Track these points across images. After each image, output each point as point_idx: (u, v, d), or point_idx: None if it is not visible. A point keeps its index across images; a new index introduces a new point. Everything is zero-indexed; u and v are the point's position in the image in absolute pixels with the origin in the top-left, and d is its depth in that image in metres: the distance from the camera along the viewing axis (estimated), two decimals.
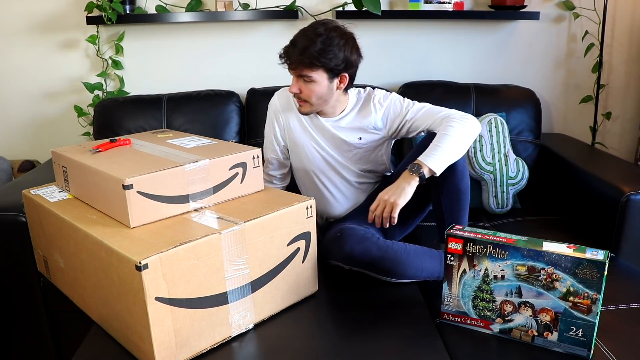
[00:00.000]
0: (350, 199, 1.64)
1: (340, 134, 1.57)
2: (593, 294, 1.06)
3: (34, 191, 1.38)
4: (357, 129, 1.56)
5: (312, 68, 1.41)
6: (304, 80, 1.44)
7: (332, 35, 1.40)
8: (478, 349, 1.16)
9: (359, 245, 1.34)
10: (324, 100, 1.49)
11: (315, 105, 1.49)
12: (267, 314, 1.22)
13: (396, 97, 1.57)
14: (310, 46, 1.38)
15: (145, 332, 1.00)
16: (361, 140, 1.56)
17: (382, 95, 1.57)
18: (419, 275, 1.38)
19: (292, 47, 1.42)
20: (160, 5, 2.13)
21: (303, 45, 1.39)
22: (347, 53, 1.42)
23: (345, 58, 1.42)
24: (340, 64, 1.42)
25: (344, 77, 1.46)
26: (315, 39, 1.39)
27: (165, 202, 1.14)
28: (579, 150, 2.07)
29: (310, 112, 1.53)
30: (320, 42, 1.38)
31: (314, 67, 1.40)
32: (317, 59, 1.38)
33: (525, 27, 2.30)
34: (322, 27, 1.42)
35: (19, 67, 2.20)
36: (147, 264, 0.96)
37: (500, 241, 1.13)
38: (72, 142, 2.24)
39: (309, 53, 1.38)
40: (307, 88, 1.45)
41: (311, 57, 1.38)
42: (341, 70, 1.44)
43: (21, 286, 1.54)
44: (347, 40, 1.43)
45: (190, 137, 1.47)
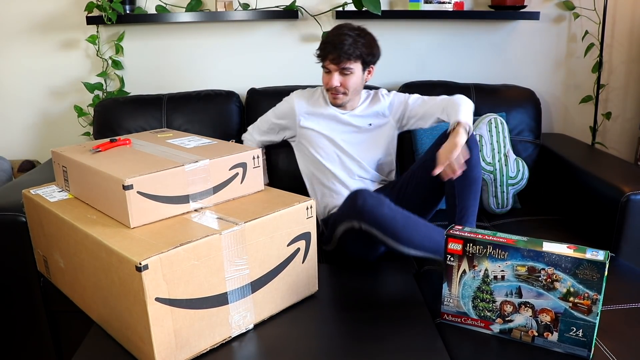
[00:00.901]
0: None
1: (354, 121, 1.75)
2: (593, 294, 1.06)
3: (34, 191, 1.38)
4: (368, 115, 1.76)
5: (352, 60, 1.62)
6: (343, 73, 1.64)
7: (361, 33, 1.63)
8: (478, 349, 1.16)
9: (372, 199, 1.37)
10: (357, 91, 1.71)
11: (350, 96, 1.70)
12: (267, 314, 1.22)
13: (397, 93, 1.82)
14: (348, 42, 1.59)
15: (145, 332, 1.00)
16: (371, 126, 1.75)
17: (386, 91, 1.83)
18: (425, 246, 1.39)
19: (330, 45, 1.62)
20: (160, 5, 2.13)
21: (341, 41, 1.60)
22: (374, 48, 1.66)
23: (373, 52, 1.65)
24: (370, 57, 1.65)
25: (372, 69, 1.70)
26: (351, 35, 1.60)
27: (165, 202, 1.14)
28: (579, 150, 2.07)
29: (344, 103, 1.72)
30: (354, 39, 1.60)
31: (354, 59, 1.62)
32: (355, 51, 1.60)
33: (525, 27, 2.30)
34: (348, 27, 1.63)
35: (19, 67, 2.20)
36: (147, 264, 0.96)
37: (500, 242, 1.13)
38: (72, 142, 2.24)
39: (347, 48, 1.59)
40: (346, 80, 1.65)
41: (350, 51, 1.59)
42: (370, 62, 1.67)
43: (21, 286, 1.54)
44: (373, 37, 1.67)
45: (190, 137, 1.47)
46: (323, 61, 1.66)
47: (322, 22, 2.20)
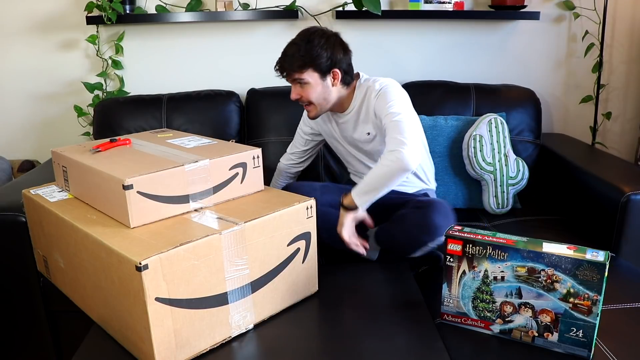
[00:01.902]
0: None
1: (351, 131, 1.63)
2: (593, 295, 1.06)
3: (34, 191, 1.38)
4: (363, 122, 1.59)
5: (301, 70, 1.49)
6: (299, 84, 1.53)
7: (313, 37, 1.49)
8: (478, 350, 1.16)
9: None
10: (324, 99, 1.55)
11: (319, 106, 1.56)
12: (267, 314, 1.22)
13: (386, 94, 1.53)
14: (295, 52, 1.49)
15: (145, 332, 1.00)
16: (369, 135, 1.59)
17: (378, 88, 1.55)
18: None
19: (282, 57, 1.52)
20: (160, 5, 2.13)
21: (290, 52, 1.50)
22: (329, 50, 1.50)
23: (329, 55, 1.49)
24: (326, 61, 1.49)
25: (335, 73, 1.52)
26: (299, 44, 1.49)
27: (165, 202, 1.14)
28: (579, 150, 2.07)
29: (318, 115, 1.59)
30: (303, 46, 1.48)
31: (303, 68, 1.49)
32: (302, 60, 1.48)
33: (525, 27, 2.30)
34: (305, 32, 1.53)
35: (19, 67, 2.20)
36: (147, 264, 0.96)
37: (500, 242, 1.13)
38: (72, 142, 2.24)
39: (295, 57, 1.48)
40: (305, 91, 1.53)
41: (297, 60, 1.48)
42: (329, 66, 1.50)
43: (21, 286, 1.54)
44: (328, 38, 1.51)
45: (191, 137, 1.47)
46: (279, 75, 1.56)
47: (322, 22, 2.20)
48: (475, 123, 1.93)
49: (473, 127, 1.92)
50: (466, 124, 1.97)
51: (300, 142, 1.82)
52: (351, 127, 1.63)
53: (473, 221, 1.86)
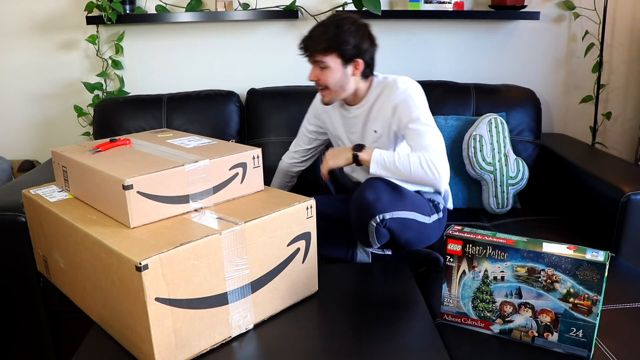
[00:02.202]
0: None
1: (359, 126, 1.60)
2: (593, 295, 1.06)
3: (34, 191, 1.38)
4: (374, 119, 1.57)
5: (325, 53, 1.47)
6: (320, 67, 1.50)
7: (343, 23, 1.46)
8: (478, 350, 1.16)
9: None
10: (341, 86, 1.52)
11: (334, 93, 1.53)
12: (267, 314, 1.22)
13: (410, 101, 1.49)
14: (322, 33, 1.46)
15: (145, 332, 1.00)
16: (376, 133, 1.57)
17: (401, 91, 1.50)
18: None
19: (308, 37, 1.50)
20: (160, 5, 2.13)
21: (317, 33, 1.48)
22: (357, 39, 1.47)
23: (356, 43, 1.47)
24: (352, 49, 1.47)
25: (358, 63, 1.50)
26: (327, 27, 1.47)
27: (165, 202, 1.14)
28: (579, 150, 2.07)
29: (331, 101, 1.56)
30: (331, 30, 1.46)
31: (327, 52, 1.47)
32: (328, 43, 1.45)
33: (525, 27, 2.30)
34: (335, 17, 1.50)
35: (19, 67, 2.20)
36: (147, 264, 0.96)
37: (500, 242, 1.13)
38: (72, 142, 2.24)
39: (321, 39, 1.46)
40: (324, 75, 1.50)
41: (323, 42, 1.46)
42: (353, 55, 1.48)
43: (21, 286, 1.54)
44: (358, 27, 1.48)
45: (191, 137, 1.47)
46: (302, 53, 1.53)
47: None
48: (475, 123, 1.93)
49: (473, 127, 1.92)
50: (466, 124, 1.97)
51: (304, 140, 1.80)
52: (360, 123, 1.60)
53: (473, 221, 1.86)
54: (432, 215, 1.55)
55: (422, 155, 1.40)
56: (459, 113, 2.05)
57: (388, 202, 1.42)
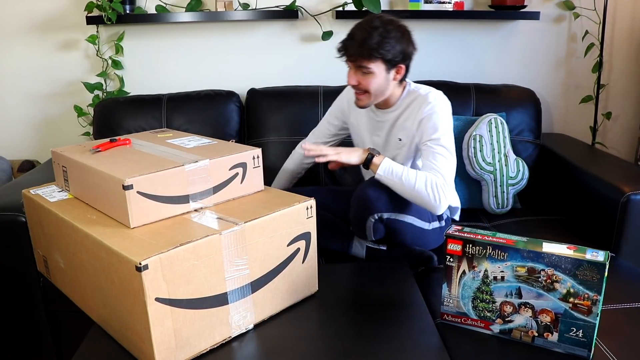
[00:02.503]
0: None
1: (385, 131, 1.59)
2: (593, 295, 1.06)
3: (34, 191, 1.38)
4: (400, 127, 1.56)
5: (370, 59, 1.43)
6: (362, 72, 1.46)
7: (389, 28, 1.42)
8: (478, 350, 1.16)
9: None
10: (381, 91, 1.50)
11: (372, 97, 1.51)
12: (267, 314, 1.22)
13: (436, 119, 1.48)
14: (368, 38, 1.41)
15: (145, 332, 1.00)
16: (400, 141, 1.56)
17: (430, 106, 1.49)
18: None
19: (350, 39, 1.44)
20: (160, 5, 2.13)
21: (361, 37, 1.42)
22: (404, 45, 1.45)
23: (402, 49, 1.44)
24: (398, 55, 1.44)
25: (401, 68, 1.48)
26: (372, 32, 1.41)
27: (165, 202, 1.14)
28: (579, 150, 2.07)
29: (367, 105, 1.54)
30: (377, 34, 1.41)
31: (373, 58, 1.42)
32: (376, 50, 1.41)
33: (525, 27, 2.30)
34: (378, 20, 1.44)
35: (19, 67, 2.20)
36: (147, 264, 0.96)
37: (500, 242, 1.13)
38: (72, 142, 2.24)
39: (367, 45, 1.41)
40: (365, 80, 1.47)
41: (370, 49, 1.41)
42: (398, 61, 1.46)
43: (21, 286, 1.54)
44: (404, 33, 1.46)
45: (191, 137, 1.47)
46: (343, 55, 1.49)
47: (322, 22, 2.20)
48: (475, 123, 1.93)
49: (473, 127, 1.92)
50: (466, 124, 1.97)
51: (325, 134, 1.77)
52: (387, 128, 1.58)
53: (473, 221, 1.86)
54: (433, 222, 1.56)
55: (429, 177, 1.41)
56: (459, 113, 2.05)
57: (388, 202, 1.43)
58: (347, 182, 1.79)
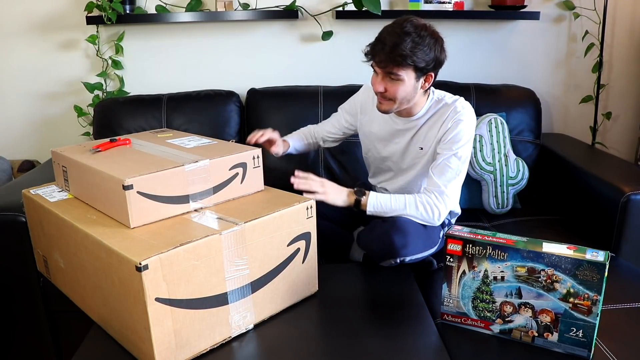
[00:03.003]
0: None
1: (408, 138, 1.53)
2: (593, 295, 1.06)
3: (34, 191, 1.38)
4: (422, 137, 1.51)
5: (401, 66, 1.35)
6: (390, 78, 1.39)
7: (423, 34, 1.35)
8: (478, 350, 1.16)
9: None
10: (407, 100, 1.44)
11: (397, 104, 1.44)
12: (267, 314, 1.22)
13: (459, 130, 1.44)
14: (400, 44, 1.32)
15: (146, 332, 1.00)
16: (422, 150, 1.51)
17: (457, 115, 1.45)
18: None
19: (381, 44, 1.36)
20: (160, 5, 2.13)
21: (392, 43, 1.33)
22: (437, 52, 1.38)
23: (435, 57, 1.38)
24: (430, 63, 1.37)
25: (430, 77, 1.42)
26: (405, 38, 1.33)
27: (165, 202, 1.14)
28: (579, 150, 2.07)
29: (390, 111, 1.47)
30: (410, 40, 1.33)
31: (404, 66, 1.35)
32: (409, 57, 1.33)
33: (525, 27, 2.29)
34: (410, 25, 1.35)
35: (19, 67, 2.20)
36: (147, 264, 0.96)
37: (500, 242, 1.13)
38: (72, 142, 2.24)
39: (399, 52, 1.33)
40: (393, 86, 1.39)
41: (402, 56, 1.33)
42: (430, 69, 1.39)
43: (21, 286, 1.54)
44: (437, 40, 1.38)
45: (190, 137, 1.47)
46: (370, 60, 1.41)
47: (322, 22, 2.20)
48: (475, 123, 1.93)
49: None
50: None
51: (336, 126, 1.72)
52: (408, 137, 1.52)
53: (473, 221, 1.86)
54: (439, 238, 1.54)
55: (419, 199, 1.42)
56: None
57: (413, 247, 1.40)
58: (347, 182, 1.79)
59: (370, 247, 1.45)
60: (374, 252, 1.44)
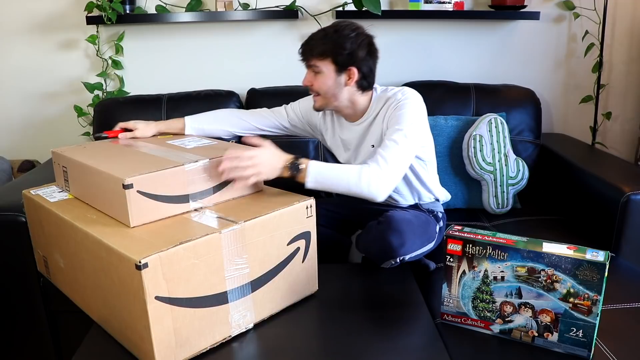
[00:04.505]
0: None
1: (357, 141, 1.55)
2: (593, 295, 1.06)
3: (34, 191, 1.38)
4: (372, 134, 1.51)
5: (319, 57, 1.43)
6: (313, 71, 1.45)
7: (343, 28, 1.42)
8: (478, 350, 1.16)
9: None
10: (332, 94, 1.46)
11: (326, 100, 1.48)
12: (267, 313, 1.22)
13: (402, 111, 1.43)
14: (321, 37, 1.43)
15: (145, 331, 0.99)
16: (373, 147, 1.50)
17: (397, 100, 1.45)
18: None
19: (307, 40, 1.46)
20: (160, 5, 2.13)
21: (316, 37, 1.44)
22: (353, 45, 1.41)
23: (351, 50, 1.41)
24: (347, 56, 1.41)
25: (352, 72, 1.43)
26: (327, 30, 1.43)
27: (165, 201, 1.14)
28: (579, 150, 2.07)
29: (322, 107, 1.52)
30: (330, 34, 1.42)
31: (321, 56, 1.42)
32: (324, 47, 1.41)
33: (525, 27, 2.30)
34: (338, 22, 1.46)
35: (19, 67, 2.20)
36: (147, 263, 0.96)
37: (500, 242, 1.13)
38: (72, 142, 2.24)
39: (318, 42, 1.42)
40: (316, 80, 1.45)
41: (319, 46, 1.42)
42: (348, 62, 1.42)
43: (21, 286, 1.54)
44: (359, 35, 1.42)
45: (190, 138, 1.47)
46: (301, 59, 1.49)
47: (322, 22, 2.20)
48: (475, 123, 1.93)
49: (473, 127, 1.92)
50: (466, 124, 1.97)
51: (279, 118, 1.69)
52: (358, 137, 1.55)
53: (473, 221, 1.86)
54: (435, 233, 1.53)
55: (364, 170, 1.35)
56: (459, 113, 2.05)
57: (411, 245, 1.39)
58: None
59: (368, 250, 1.44)
60: (373, 255, 1.43)
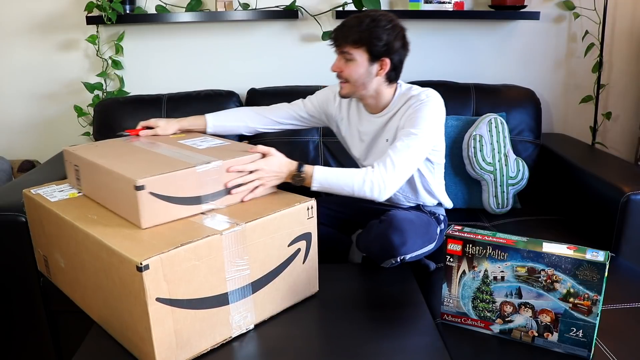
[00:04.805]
0: None
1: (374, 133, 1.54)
2: (593, 295, 1.06)
3: (35, 191, 1.38)
4: (389, 129, 1.51)
5: (354, 45, 1.41)
6: (345, 58, 1.44)
7: (380, 18, 1.41)
8: (478, 350, 1.16)
9: None
10: (362, 83, 1.45)
11: (354, 88, 1.47)
12: (268, 314, 1.22)
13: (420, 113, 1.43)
14: (356, 25, 1.41)
15: (146, 332, 1.00)
16: (387, 142, 1.50)
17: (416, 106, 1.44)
18: None
19: (341, 26, 1.44)
20: (160, 5, 2.13)
21: (350, 23, 1.42)
22: (390, 37, 1.41)
23: (388, 41, 1.41)
24: (382, 47, 1.41)
25: (385, 62, 1.43)
26: (363, 19, 1.41)
27: (177, 203, 1.13)
28: (579, 150, 2.07)
29: (349, 95, 1.50)
30: (366, 23, 1.40)
31: (357, 44, 1.41)
32: (360, 35, 1.40)
33: (525, 27, 2.30)
34: (373, 11, 1.46)
35: (19, 67, 2.20)
36: (148, 264, 0.96)
37: (500, 242, 1.13)
38: (71, 142, 2.24)
39: (353, 30, 1.40)
40: (348, 67, 1.44)
41: (355, 33, 1.40)
42: (382, 53, 1.42)
43: (21, 286, 1.54)
44: (394, 26, 1.43)
45: (203, 138, 1.47)
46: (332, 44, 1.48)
47: (322, 22, 2.20)
48: (475, 123, 1.94)
49: (473, 127, 1.93)
50: (466, 124, 1.97)
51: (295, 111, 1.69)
52: (376, 130, 1.53)
53: (473, 221, 1.86)
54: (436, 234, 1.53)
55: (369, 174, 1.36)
56: (459, 113, 2.05)
57: (412, 245, 1.39)
58: None
59: (369, 249, 1.44)
60: (373, 254, 1.43)
